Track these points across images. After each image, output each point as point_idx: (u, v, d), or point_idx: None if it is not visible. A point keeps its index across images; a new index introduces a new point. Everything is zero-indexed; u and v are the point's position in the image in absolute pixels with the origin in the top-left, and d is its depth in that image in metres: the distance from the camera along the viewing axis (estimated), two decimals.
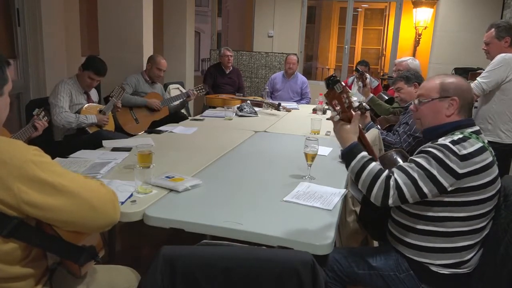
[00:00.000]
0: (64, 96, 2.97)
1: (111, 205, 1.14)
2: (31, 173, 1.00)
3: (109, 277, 1.37)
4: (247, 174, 2.10)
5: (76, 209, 1.06)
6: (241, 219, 1.48)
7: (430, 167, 1.38)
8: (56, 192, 1.03)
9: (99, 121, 3.09)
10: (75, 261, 1.13)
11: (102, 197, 1.12)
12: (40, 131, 2.32)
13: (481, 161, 1.39)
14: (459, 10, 5.92)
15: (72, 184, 1.06)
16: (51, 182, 1.03)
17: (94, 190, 1.12)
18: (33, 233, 1.06)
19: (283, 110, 4.06)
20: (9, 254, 1.05)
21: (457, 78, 1.56)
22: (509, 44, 2.89)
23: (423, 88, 1.61)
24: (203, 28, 13.87)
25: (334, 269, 1.58)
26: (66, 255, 1.14)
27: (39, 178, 1.01)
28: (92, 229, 1.15)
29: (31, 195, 1.00)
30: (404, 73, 3.04)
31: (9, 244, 1.03)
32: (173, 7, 5.67)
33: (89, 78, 3.04)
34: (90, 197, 1.08)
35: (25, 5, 3.67)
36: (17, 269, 1.08)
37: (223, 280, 1.09)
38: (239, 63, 6.73)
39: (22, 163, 1.00)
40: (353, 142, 1.48)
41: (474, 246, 1.48)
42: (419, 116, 1.61)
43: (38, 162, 1.03)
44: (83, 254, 1.13)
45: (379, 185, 1.39)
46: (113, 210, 1.15)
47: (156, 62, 3.81)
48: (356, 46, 9.93)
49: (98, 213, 1.10)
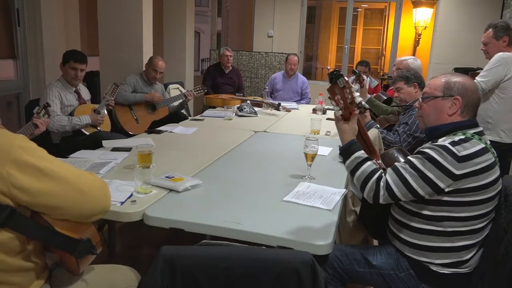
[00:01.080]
0: (54, 99, 2.92)
1: (101, 191, 1.15)
2: (19, 157, 1.02)
3: (109, 276, 1.37)
4: (247, 174, 2.10)
5: (64, 193, 1.07)
6: (241, 219, 1.48)
7: (423, 168, 1.39)
8: (44, 176, 1.04)
9: (93, 121, 3.03)
10: (71, 253, 1.13)
11: (91, 183, 1.13)
12: (42, 129, 2.31)
13: (482, 162, 1.39)
14: (459, 10, 5.92)
15: (60, 169, 1.08)
16: (38, 166, 1.04)
17: (83, 175, 1.13)
18: (27, 223, 1.07)
19: (283, 110, 4.06)
20: (5, 244, 1.05)
21: (464, 78, 1.55)
22: (507, 44, 2.89)
23: (428, 85, 1.60)
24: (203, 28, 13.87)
25: (334, 266, 1.58)
26: (61, 246, 1.14)
27: (27, 162, 1.03)
28: (83, 215, 1.15)
29: (20, 179, 1.01)
30: (404, 73, 3.03)
31: (4, 234, 1.04)
32: (173, 7, 5.67)
33: (72, 69, 2.98)
34: (78, 182, 1.09)
35: (25, 5, 3.67)
36: (16, 261, 1.09)
37: (223, 280, 1.09)
38: (239, 63, 6.73)
39: (10, 147, 1.02)
40: (351, 141, 1.49)
41: (474, 246, 1.48)
42: (421, 113, 1.61)
43: (26, 147, 1.04)
44: (78, 246, 1.13)
45: (370, 186, 1.43)
46: (103, 196, 1.15)
47: (152, 63, 3.81)
48: (356, 46, 9.93)
49: (87, 198, 1.11)
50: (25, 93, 3.83)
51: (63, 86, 3.03)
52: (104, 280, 1.35)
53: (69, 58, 2.99)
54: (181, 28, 5.71)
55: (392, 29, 6.78)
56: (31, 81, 3.82)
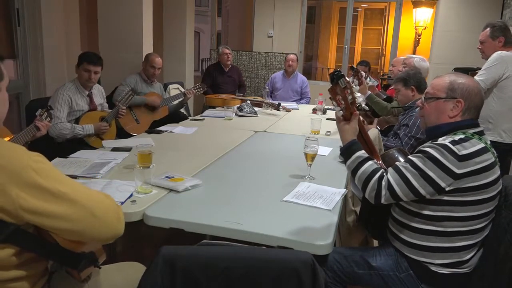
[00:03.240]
0: (62, 105, 2.85)
1: (115, 215, 1.09)
2: (30, 180, 0.97)
3: (109, 277, 1.37)
4: (247, 174, 2.10)
5: (76, 217, 1.02)
6: (241, 219, 1.48)
7: (424, 167, 1.38)
8: (55, 199, 1.00)
9: (96, 130, 2.95)
10: (74, 267, 1.12)
11: (104, 207, 1.08)
12: (44, 131, 2.30)
13: (482, 161, 1.38)
14: (459, 10, 5.92)
15: (72, 192, 1.03)
16: (50, 189, 0.99)
17: (96, 199, 1.07)
18: (30, 240, 1.04)
19: (283, 110, 4.06)
20: (5, 259, 1.02)
21: (468, 80, 1.52)
22: (503, 44, 2.90)
23: (432, 85, 1.59)
24: (203, 28, 13.87)
25: (334, 269, 1.58)
26: (64, 262, 1.12)
27: (39, 185, 0.98)
28: (94, 239, 1.11)
29: (30, 201, 0.97)
30: (404, 74, 3.01)
31: (5, 250, 1.01)
32: (173, 7, 5.67)
33: (85, 71, 2.93)
34: (91, 205, 1.04)
35: (25, 5, 3.67)
36: (13, 272, 1.06)
37: (223, 280, 1.09)
38: (239, 63, 6.73)
39: (21, 169, 0.97)
40: (352, 141, 1.48)
41: (473, 246, 1.48)
42: (423, 113, 1.60)
43: (38, 169, 0.99)
44: (82, 261, 1.11)
45: (372, 186, 1.43)
46: (116, 220, 1.09)
47: (149, 60, 3.80)
48: (356, 46, 9.93)
49: (100, 223, 1.05)
50: (25, 93, 3.83)
51: (76, 90, 2.96)
52: (103, 279, 1.34)
53: (83, 60, 2.94)
54: (181, 28, 5.71)
55: (392, 29, 6.78)
56: (31, 81, 3.81)
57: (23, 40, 3.73)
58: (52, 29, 3.83)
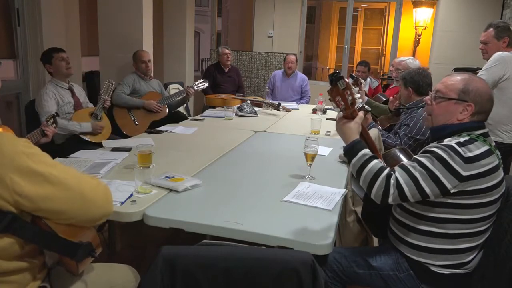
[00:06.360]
0: (48, 99, 2.88)
1: (103, 195, 1.16)
2: (23, 164, 1.02)
3: (108, 275, 1.37)
4: (247, 174, 2.10)
5: (67, 199, 1.07)
6: (241, 219, 1.48)
7: (433, 167, 1.36)
8: (47, 183, 1.05)
9: (94, 130, 3.01)
10: (72, 257, 1.14)
11: (93, 187, 1.14)
12: (49, 138, 2.31)
13: (487, 164, 1.37)
14: (459, 10, 5.92)
15: (62, 174, 1.08)
16: (42, 173, 1.04)
17: (85, 180, 1.14)
18: (28, 229, 1.07)
19: (283, 110, 4.06)
20: (6, 249, 1.05)
21: (481, 84, 1.48)
22: (507, 44, 2.90)
23: (443, 83, 1.52)
24: (203, 28, 13.86)
25: (334, 269, 1.57)
26: (62, 251, 1.14)
27: (31, 169, 1.03)
28: (86, 221, 1.16)
29: (23, 186, 1.01)
30: (404, 74, 3.00)
31: (5, 240, 1.04)
32: (173, 7, 5.67)
33: (60, 60, 2.96)
34: (80, 186, 1.10)
35: (25, 5, 3.67)
36: (14, 263, 1.09)
37: (223, 280, 1.09)
38: (239, 63, 6.73)
39: (14, 154, 1.02)
40: (355, 139, 1.46)
41: (475, 248, 1.47)
42: (431, 111, 1.55)
43: (29, 154, 1.05)
44: (79, 250, 1.14)
45: (379, 184, 1.38)
46: (105, 200, 1.16)
47: (137, 56, 3.81)
48: (356, 46, 9.93)
49: (90, 203, 1.12)
50: (25, 93, 3.83)
51: (56, 85, 3.01)
52: (102, 278, 1.35)
53: (51, 53, 2.98)
54: (181, 28, 5.72)
55: (392, 29, 6.78)
56: (31, 81, 3.82)
57: (23, 40, 3.73)
58: (52, 29, 3.83)
